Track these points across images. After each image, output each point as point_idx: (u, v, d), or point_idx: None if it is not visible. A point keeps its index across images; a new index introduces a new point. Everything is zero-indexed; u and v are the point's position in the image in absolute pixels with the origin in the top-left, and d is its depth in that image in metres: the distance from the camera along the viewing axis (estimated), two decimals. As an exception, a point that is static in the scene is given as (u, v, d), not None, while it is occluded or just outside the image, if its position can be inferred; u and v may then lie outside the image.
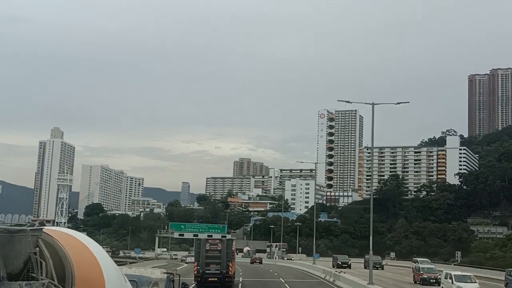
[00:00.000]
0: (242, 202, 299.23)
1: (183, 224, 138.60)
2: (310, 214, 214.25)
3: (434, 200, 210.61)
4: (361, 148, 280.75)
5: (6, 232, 9.17)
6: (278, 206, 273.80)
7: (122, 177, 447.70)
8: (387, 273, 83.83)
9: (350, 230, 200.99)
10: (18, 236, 9.22)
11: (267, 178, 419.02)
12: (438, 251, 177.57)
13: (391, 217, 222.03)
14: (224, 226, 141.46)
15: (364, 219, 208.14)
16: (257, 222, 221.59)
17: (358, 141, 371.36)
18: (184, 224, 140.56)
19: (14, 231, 9.20)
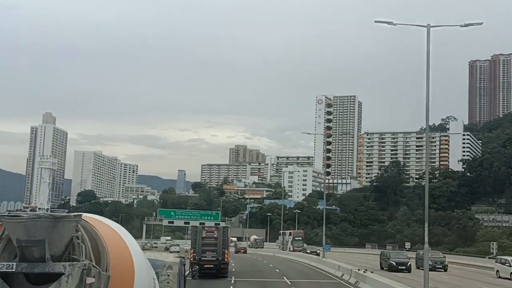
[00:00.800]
0: (238, 189, 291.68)
1: (173, 211, 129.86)
2: (308, 201, 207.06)
3: (436, 188, 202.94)
4: (361, 134, 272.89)
5: (51, 218, 10.34)
6: (275, 194, 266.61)
7: (116, 163, 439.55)
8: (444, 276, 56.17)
9: (349, 218, 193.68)
10: (62, 221, 10.44)
11: (264, 166, 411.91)
12: (441, 240, 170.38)
13: (391, 205, 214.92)
14: (218, 213, 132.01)
15: (364, 207, 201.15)
16: (253, 209, 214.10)
17: (357, 127, 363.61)
18: (174, 210, 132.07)
19: (59, 217, 10.42)
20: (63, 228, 10.43)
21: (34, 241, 10.40)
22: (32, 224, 10.32)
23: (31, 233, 10.38)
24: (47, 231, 10.35)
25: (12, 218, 10.39)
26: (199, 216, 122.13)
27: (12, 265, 10.68)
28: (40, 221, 10.36)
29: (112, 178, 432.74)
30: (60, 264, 10.48)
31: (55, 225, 10.40)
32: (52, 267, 10.51)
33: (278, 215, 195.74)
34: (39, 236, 10.38)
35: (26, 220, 10.35)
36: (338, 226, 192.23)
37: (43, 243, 10.41)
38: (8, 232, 10.76)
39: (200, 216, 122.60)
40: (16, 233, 10.51)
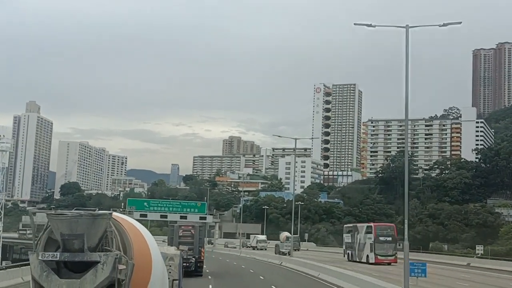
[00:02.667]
0: (231, 181, 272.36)
1: (146, 201, 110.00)
2: (308, 194, 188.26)
3: (449, 179, 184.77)
4: (365, 122, 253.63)
5: (90, 216, 13.61)
6: (271, 186, 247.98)
7: (104, 155, 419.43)
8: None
9: (354, 212, 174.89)
10: (99, 218, 13.68)
11: (258, 158, 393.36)
12: (458, 236, 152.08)
13: (399, 198, 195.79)
14: (204, 204, 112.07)
15: (370, 200, 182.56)
16: (248, 202, 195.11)
17: (357, 117, 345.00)
18: (148, 200, 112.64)
19: (96, 215, 13.72)
20: (98, 224, 13.87)
21: (75, 235, 13.71)
22: (75, 221, 13.67)
23: (73, 228, 13.68)
24: (86, 227, 13.71)
25: (58, 216, 13.84)
26: (179, 207, 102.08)
27: (56, 254, 13.88)
28: (81, 218, 13.74)
29: (99, 170, 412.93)
30: (96, 254, 13.85)
31: (93, 221, 13.78)
32: (89, 256, 13.80)
33: (275, 208, 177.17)
34: (80, 230, 13.68)
35: (70, 218, 13.75)
36: (341, 221, 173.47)
37: (82, 236, 13.72)
38: (52, 227, 14.06)
39: (182, 207, 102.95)
40: (60, 228, 13.78)
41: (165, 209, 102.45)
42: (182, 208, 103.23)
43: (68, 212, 13.94)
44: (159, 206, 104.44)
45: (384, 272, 53.86)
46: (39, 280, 13.95)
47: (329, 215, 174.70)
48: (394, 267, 61.65)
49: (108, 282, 13.72)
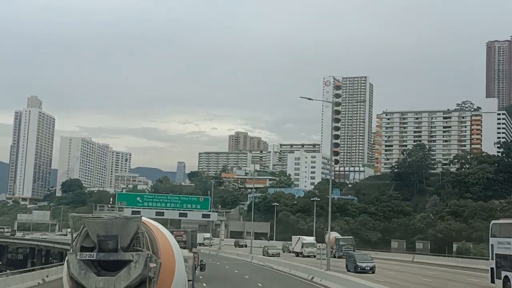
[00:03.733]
0: (238, 177, 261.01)
1: (139, 195, 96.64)
2: (320, 190, 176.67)
3: (470, 174, 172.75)
4: (379, 114, 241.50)
5: (124, 219, 15.62)
6: (279, 182, 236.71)
7: (107, 151, 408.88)
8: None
9: (370, 210, 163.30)
10: (131, 221, 15.69)
11: (266, 154, 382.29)
12: (484, 235, 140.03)
13: (416, 194, 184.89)
14: (207, 199, 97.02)
15: (387, 196, 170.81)
16: (256, 199, 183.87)
17: (368, 111, 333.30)
18: (141, 195, 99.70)
19: (129, 218, 15.81)
20: (130, 226, 15.78)
21: (110, 236, 15.48)
22: (110, 223, 15.57)
23: (108, 230, 15.50)
24: (120, 228, 15.59)
25: (95, 219, 15.74)
26: (178, 203, 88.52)
27: (93, 254, 15.61)
28: (116, 221, 15.65)
29: (102, 166, 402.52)
30: (129, 254, 15.64)
31: (126, 223, 15.73)
32: (123, 256, 15.57)
33: (285, 205, 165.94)
34: (114, 232, 15.51)
35: (106, 220, 15.62)
36: (356, 219, 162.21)
37: (116, 237, 15.51)
38: (88, 229, 15.80)
39: (181, 203, 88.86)
40: (96, 230, 15.57)
41: (161, 205, 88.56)
42: (181, 204, 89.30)
43: (104, 215, 16.32)
44: (154, 201, 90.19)
45: None
46: (78, 278, 15.76)
47: (343, 212, 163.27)
48: None
49: (140, 280, 15.64)
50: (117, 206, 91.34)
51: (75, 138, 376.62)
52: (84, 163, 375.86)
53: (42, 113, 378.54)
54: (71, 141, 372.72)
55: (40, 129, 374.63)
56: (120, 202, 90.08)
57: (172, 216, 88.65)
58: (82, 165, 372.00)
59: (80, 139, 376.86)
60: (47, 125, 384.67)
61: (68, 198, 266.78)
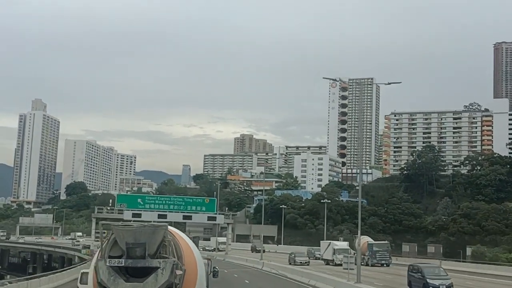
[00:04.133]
0: (244, 180, 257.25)
1: (141, 197, 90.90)
2: (328, 192, 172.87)
3: (482, 176, 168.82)
4: (388, 115, 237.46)
5: (152, 227, 16.66)
6: (286, 185, 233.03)
7: (112, 154, 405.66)
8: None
9: (380, 212, 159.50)
10: (158, 229, 16.71)
11: (271, 156, 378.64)
12: (498, 239, 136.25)
13: (426, 196, 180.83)
14: (213, 200, 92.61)
15: (397, 199, 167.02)
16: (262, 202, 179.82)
17: (374, 113, 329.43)
18: (142, 196, 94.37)
19: (157, 226, 16.84)
20: (158, 234, 16.81)
21: (138, 244, 16.52)
22: (139, 231, 16.61)
23: (137, 237, 16.56)
24: (148, 236, 16.62)
25: (125, 227, 16.87)
26: (182, 205, 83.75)
27: (121, 261, 16.60)
28: (145, 229, 16.72)
29: (107, 169, 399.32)
30: (156, 260, 16.63)
31: (154, 231, 16.76)
32: (150, 262, 16.55)
33: (292, 208, 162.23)
34: (143, 239, 16.54)
35: (135, 228, 16.70)
36: (366, 222, 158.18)
37: (144, 245, 16.56)
38: (116, 237, 16.92)
39: (185, 205, 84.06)
40: (125, 238, 16.66)
41: (164, 207, 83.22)
42: (185, 205, 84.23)
43: (134, 223, 17.39)
44: (157, 203, 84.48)
45: None
46: (107, 284, 16.65)
47: (352, 215, 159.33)
48: None
49: (166, 286, 16.59)
50: (117, 208, 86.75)
51: (80, 141, 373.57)
52: (88, 166, 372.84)
53: (46, 116, 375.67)
54: (75, 144, 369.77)
55: (44, 132, 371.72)
56: (120, 204, 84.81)
57: (176, 218, 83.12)
58: (86, 168, 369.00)
59: (84, 142, 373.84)
60: (52, 128, 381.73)
61: (72, 201, 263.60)
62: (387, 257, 76.68)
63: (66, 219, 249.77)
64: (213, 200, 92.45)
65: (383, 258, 75.81)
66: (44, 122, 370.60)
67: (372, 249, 77.21)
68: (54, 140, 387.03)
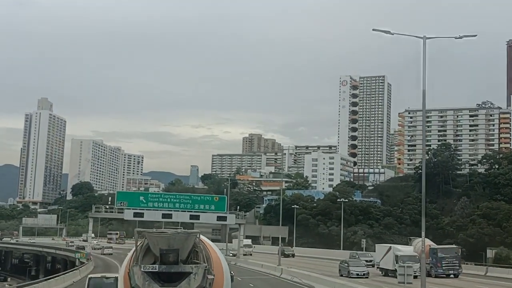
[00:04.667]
0: (253, 179, 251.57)
1: (142, 194, 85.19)
2: (340, 192, 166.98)
3: (501, 175, 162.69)
4: (401, 113, 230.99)
5: (185, 233, 17.85)
6: (296, 185, 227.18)
7: (119, 154, 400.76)
8: None
9: (395, 213, 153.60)
10: (191, 236, 17.80)
11: (281, 156, 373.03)
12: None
13: (442, 196, 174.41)
14: (223, 198, 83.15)
15: (412, 198, 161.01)
16: (273, 202, 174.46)
17: (386, 112, 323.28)
18: (145, 193, 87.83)
19: (190, 233, 18.01)
20: (190, 240, 17.88)
21: (172, 250, 17.52)
22: (173, 238, 17.63)
23: (171, 244, 17.51)
24: (181, 243, 17.65)
25: (160, 234, 17.91)
26: (189, 203, 75.27)
27: (156, 266, 17.54)
28: (178, 235, 17.80)
29: (114, 169, 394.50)
30: (189, 266, 17.75)
31: (186, 238, 17.82)
32: (183, 268, 17.65)
33: (304, 208, 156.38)
34: (176, 246, 17.55)
35: (169, 235, 17.70)
36: (381, 223, 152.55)
37: (177, 251, 17.58)
38: (150, 243, 17.86)
39: (192, 203, 75.39)
40: (159, 244, 17.56)
41: (169, 206, 74.67)
42: (192, 204, 75.31)
43: (168, 230, 18.68)
44: (161, 201, 75.43)
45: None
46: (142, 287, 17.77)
47: (366, 216, 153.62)
48: None
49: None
50: (117, 207, 78.86)
51: (86, 140, 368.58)
52: (95, 166, 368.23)
53: (52, 115, 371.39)
54: (82, 143, 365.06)
55: (50, 131, 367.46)
56: (120, 203, 76.54)
57: (182, 218, 76.62)
58: (93, 168, 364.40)
59: (91, 141, 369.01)
60: (58, 128, 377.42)
61: (78, 201, 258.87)
62: (457, 266, 61.49)
63: (72, 219, 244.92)
64: (223, 198, 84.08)
65: (451, 267, 60.88)
66: (50, 122, 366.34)
67: (436, 256, 61.81)
68: (60, 140, 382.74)
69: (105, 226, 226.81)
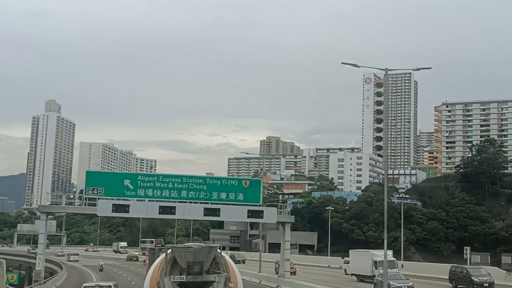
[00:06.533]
0: (274, 182, 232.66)
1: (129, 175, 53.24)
2: (377, 193, 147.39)
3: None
4: (438, 107, 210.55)
5: (208, 248, 23.12)
6: (321, 187, 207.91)
7: (131, 158, 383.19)
8: None
9: (440, 216, 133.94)
10: (212, 249, 23.07)
11: (300, 159, 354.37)
12: None
13: (488, 198, 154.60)
14: (257, 182, 54.24)
15: (459, 200, 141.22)
16: (298, 205, 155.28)
17: (413, 110, 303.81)
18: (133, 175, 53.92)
19: (212, 246, 23.47)
20: (212, 253, 22.77)
21: (197, 262, 21.93)
22: (198, 251, 22.47)
23: (196, 257, 22.04)
24: (205, 256, 22.37)
25: (187, 249, 22.99)
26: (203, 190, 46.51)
27: (183, 277, 21.72)
28: (203, 250, 22.71)
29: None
30: (212, 276, 22.17)
31: (209, 251, 22.76)
32: (207, 278, 22.03)
33: (335, 211, 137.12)
34: (201, 258, 22.12)
35: (195, 250, 22.60)
36: (425, 227, 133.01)
37: (202, 263, 22.04)
38: (177, 257, 22.61)
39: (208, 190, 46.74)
40: (186, 257, 22.13)
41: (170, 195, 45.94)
42: (208, 191, 46.53)
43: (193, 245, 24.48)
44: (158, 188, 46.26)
45: None
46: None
47: (406, 219, 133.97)
48: None
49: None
50: (86, 195, 48.43)
51: (95, 143, 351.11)
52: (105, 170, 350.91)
53: (61, 118, 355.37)
54: (91, 146, 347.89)
55: (59, 135, 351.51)
56: (93, 189, 47.28)
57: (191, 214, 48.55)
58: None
59: (101, 145, 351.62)
60: (67, 131, 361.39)
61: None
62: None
63: (78, 226, 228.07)
64: (257, 183, 53.23)
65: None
66: (58, 125, 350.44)
67: None
68: (69, 144, 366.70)
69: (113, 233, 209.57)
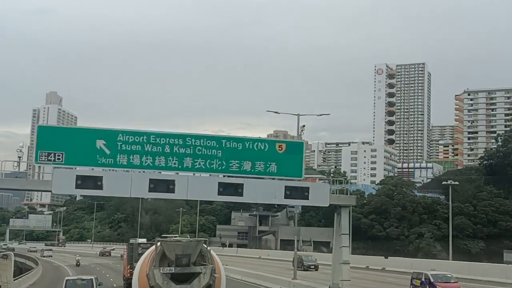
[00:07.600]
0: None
1: (105, 133, 28.73)
2: (397, 186, 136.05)
3: None
4: (458, 95, 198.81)
5: (196, 241, 24.37)
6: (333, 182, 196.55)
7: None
8: None
9: (467, 210, 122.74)
10: (199, 243, 24.17)
11: (309, 153, 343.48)
12: None
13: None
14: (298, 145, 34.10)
15: (487, 193, 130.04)
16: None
17: (426, 103, 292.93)
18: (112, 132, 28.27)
19: (199, 240, 24.89)
20: (199, 246, 23.77)
21: (185, 255, 22.89)
22: (187, 245, 23.47)
23: (184, 250, 22.97)
24: (192, 248, 23.37)
25: (176, 242, 23.97)
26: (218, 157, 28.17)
27: (172, 269, 22.70)
28: (191, 243, 23.85)
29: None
30: (198, 267, 23.30)
31: (197, 244, 23.82)
32: (194, 269, 23.10)
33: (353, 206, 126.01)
34: (189, 251, 23.05)
35: (184, 243, 23.63)
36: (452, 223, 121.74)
37: (189, 255, 23.01)
38: (166, 250, 23.24)
39: (224, 158, 28.42)
40: (175, 250, 22.97)
41: (168, 163, 28.10)
42: (225, 158, 28.69)
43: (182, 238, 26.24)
44: (149, 153, 28.15)
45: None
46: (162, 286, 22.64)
47: (430, 214, 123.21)
48: None
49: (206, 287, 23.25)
50: (36, 163, 30.87)
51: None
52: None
53: (62, 111, 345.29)
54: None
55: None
56: (47, 154, 29.59)
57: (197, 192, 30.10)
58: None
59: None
60: (68, 124, 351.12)
61: (85, 202, 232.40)
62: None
63: (77, 222, 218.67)
64: (298, 147, 35.13)
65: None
66: (60, 117, 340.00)
67: None
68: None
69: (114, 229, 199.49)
